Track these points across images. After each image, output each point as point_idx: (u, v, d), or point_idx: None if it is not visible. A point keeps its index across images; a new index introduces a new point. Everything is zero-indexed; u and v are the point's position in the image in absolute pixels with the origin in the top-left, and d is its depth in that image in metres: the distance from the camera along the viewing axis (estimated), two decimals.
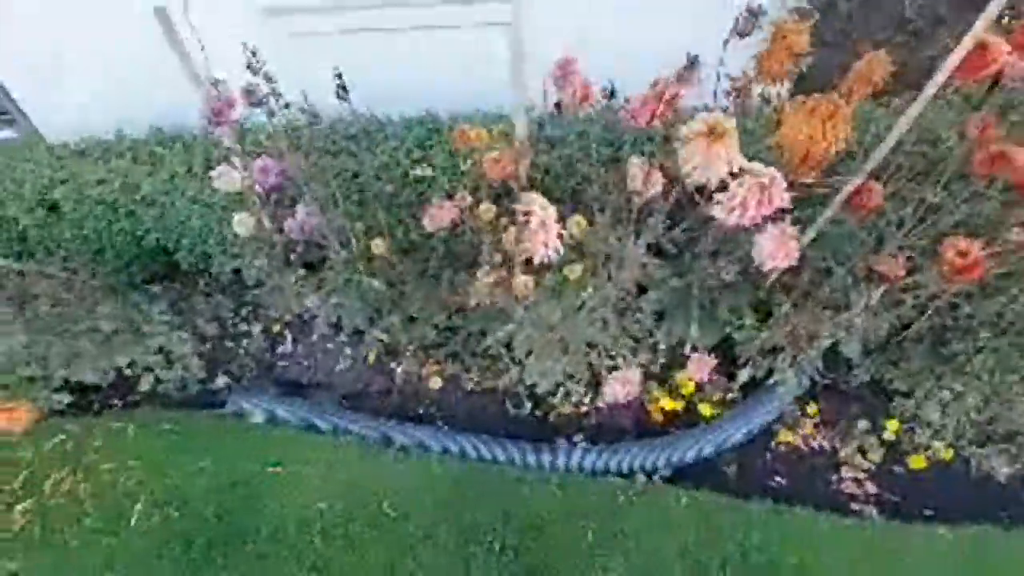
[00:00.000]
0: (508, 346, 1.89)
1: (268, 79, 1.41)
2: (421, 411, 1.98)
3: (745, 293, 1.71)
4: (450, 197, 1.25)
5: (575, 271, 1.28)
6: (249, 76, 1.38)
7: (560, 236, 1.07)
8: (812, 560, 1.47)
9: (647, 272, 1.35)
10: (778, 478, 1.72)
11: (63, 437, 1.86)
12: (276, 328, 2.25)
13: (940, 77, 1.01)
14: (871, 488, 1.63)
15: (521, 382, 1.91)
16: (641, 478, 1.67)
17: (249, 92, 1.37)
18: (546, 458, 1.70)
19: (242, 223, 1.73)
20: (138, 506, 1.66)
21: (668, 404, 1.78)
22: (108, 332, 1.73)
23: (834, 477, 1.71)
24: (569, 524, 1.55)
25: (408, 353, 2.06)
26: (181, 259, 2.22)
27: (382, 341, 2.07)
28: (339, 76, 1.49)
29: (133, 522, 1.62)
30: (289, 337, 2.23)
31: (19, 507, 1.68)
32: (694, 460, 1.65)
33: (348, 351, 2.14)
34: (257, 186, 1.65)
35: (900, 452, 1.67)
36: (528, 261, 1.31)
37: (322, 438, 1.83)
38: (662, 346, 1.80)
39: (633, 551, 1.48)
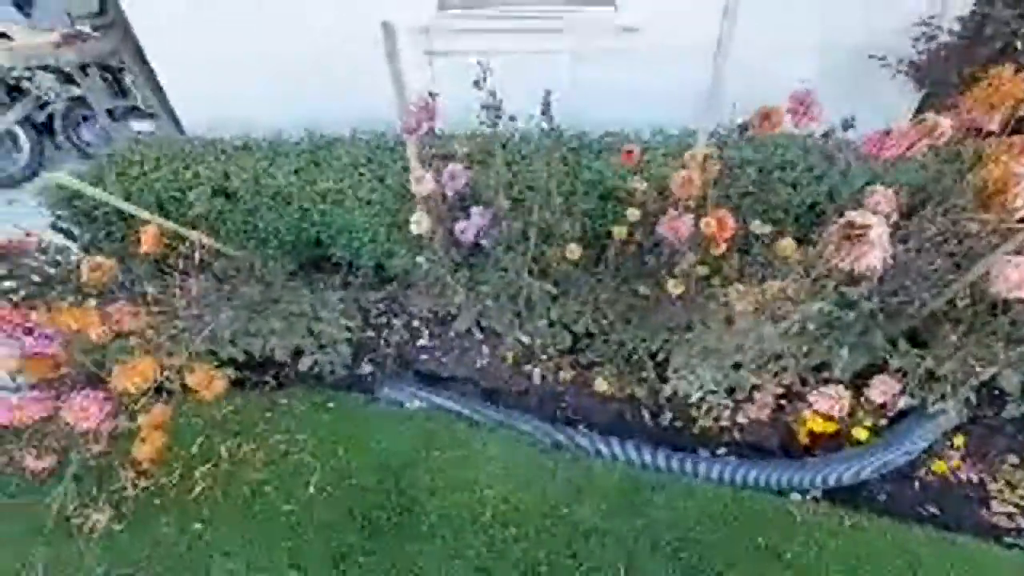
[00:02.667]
0: (654, 355, 1.97)
1: (492, 94, 1.56)
2: (558, 412, 2.07)
3: (902, 320, 1.76)
4: (687, 211, 1.34)
5: (773, 287, 1.36)
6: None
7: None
8: None
9: (844, 297, 1.42)
10: (929, 506, 1.73)
11: (231, 408, 2.00)
12: (415, 323, 2.38)
13: None
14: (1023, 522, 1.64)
15: (656, 392, 1.99)
16: (795, 496, 1.71)
17: (490, 107, 1.51)
18: (700, 467, 1.75)
19: (419, 222, 1.87)
20: (314, 477, 1.77)
21: (818, 426, 1.81)
22: (297, 313, 1.88)
23: (983, 511, 1.72)
24: (730, 534, 1.59)
25: (546, 357, 2.15)
26: (333, 252, 2.39)
27: (521, 343, 2.17)
28: (547, 94, 1.64)
29: (311, 492, 1.74)
30: (427, 332, 2.36)
31: (198, 471, 1.82)
32: (851, 482, 1.69)
33: (486, 350, 2.25)
34: (447, 190, 1.80)
35: None
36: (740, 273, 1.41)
37: (475, 429, 1.93)
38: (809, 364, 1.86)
39: (797, 566, 1.52)
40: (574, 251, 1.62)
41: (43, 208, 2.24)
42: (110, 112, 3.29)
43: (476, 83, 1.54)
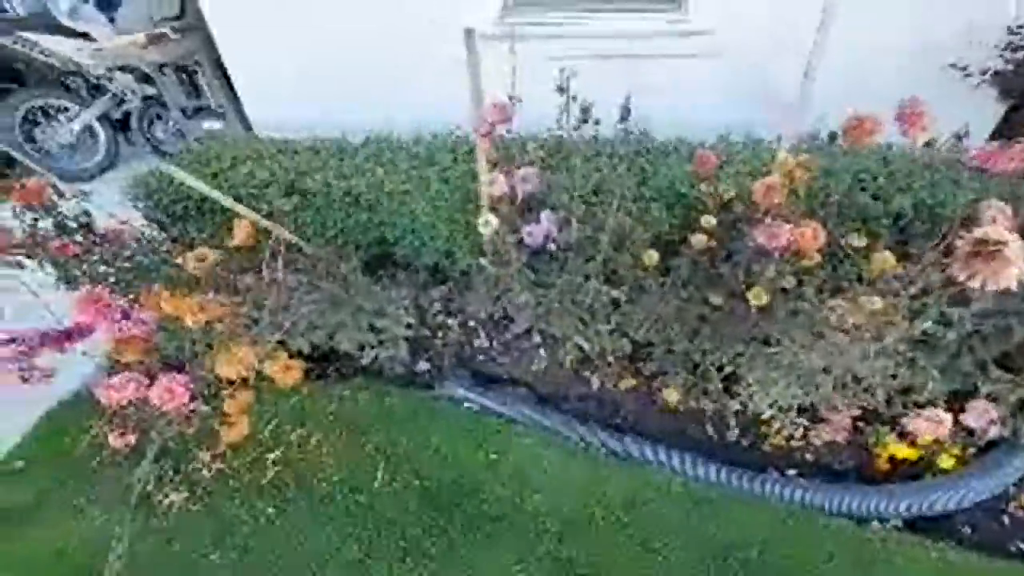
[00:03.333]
0: (720, 368, 1.92)
1: (574, 99, 1.56)
2: (619, 422, 2.04)
3: (995, 344, 1.66)
4: (786, 221, 1.30)
5: (875, 303, 1.30)
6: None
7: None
8: None
9: (945, 316, 1.35)
10: (1020, 542, 1.62)
11: (298, 397, 2.06)
12: (471, 324, 2.40)
13: None
14: None
15: (723, 407, 1.94)
16: (875, 524, 1.63)
17: (584, 110, 1.51)
18: (770, 488, 1.69)
19: (488, 224, 1.88)
20: (379, 471, 1.80)
21: (901, 452, 1.73)
22: (368, 309, 1.92)
23: None
24: (803, 557, 1.53)
25: (606, 364, 2.13)
26: (395, 251, 2.43)
27: (581, 348, 2.15)
28: (627, 99, 1.63)
29: (377, 484, 1.77)
30: (483, 334, 2.37)
31: (270, 456, 1.88)
32: (939, 513, 1.60)
33: (543, 353, 2.24)
34: (519, 192, 1.81)
35: None
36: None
37: (534, 433, 1.92)
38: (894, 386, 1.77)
39: None
40: (652, 257, 1.59)
41: (125, 201, 2.37)
42: (183, 111, 3.46)
43: (560, 88, 1.55)
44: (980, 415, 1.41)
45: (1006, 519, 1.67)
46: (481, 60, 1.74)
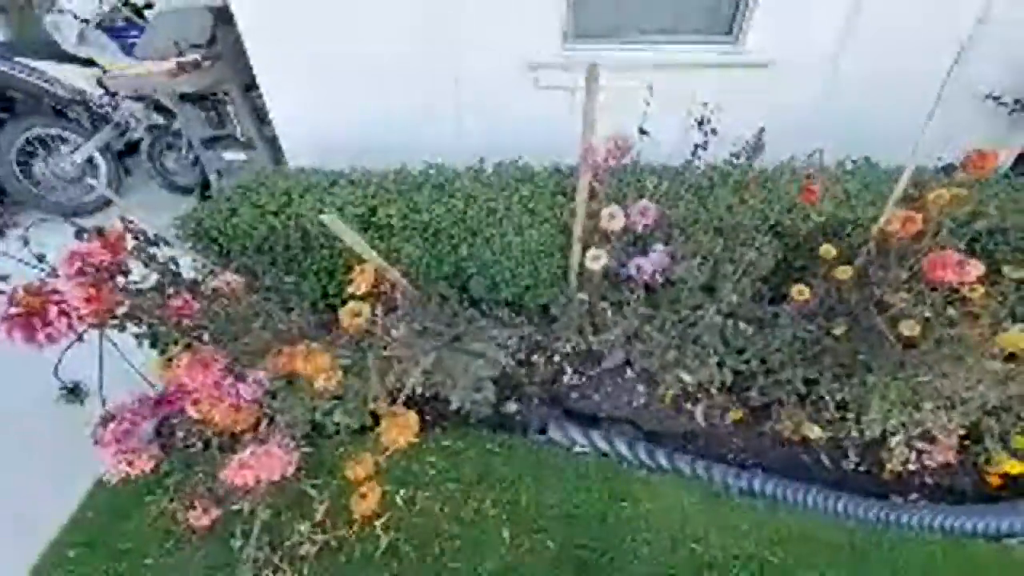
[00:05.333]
0: (839, 397, 1.92)
1: (712, 131, 1.55)
2: (730, 456, 1.99)
3: None
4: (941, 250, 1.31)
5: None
6: None
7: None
8: None
9: None
10: None
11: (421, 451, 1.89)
12: (557, 359, 2.31)
13: None
14: None
15: (837, 435, 1.93)
16: (1010, 541, 1.64)
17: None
18: (904, 517, 1.68)
19: (596, 258, 1.83)
20: (504, 532, 1.66)
21: (1013, 468, 1.77)
22: (477, 352, 1.80)
23: None
24: None
25: (708, 396, 2.09)
26: (472, 285, 2.32)
27: (682, 381, 2.11)
28: (761, 131, 1.63)
29: (504, 549, 1.62)
30: (570, 370, 2.28)
31: (378, 523, 1.70)
32: None
33: (641, 388, 2.18)
34: (638, 226, 1.76)
35: None
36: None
37: (648, 474, 1.84)
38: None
39: None
40: (803, 292, 1.58)
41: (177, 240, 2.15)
42: (203, 141, 3.24)
43: (699, 122, 1.53)
44: None
45: None
46: (597, 93, 1.70)
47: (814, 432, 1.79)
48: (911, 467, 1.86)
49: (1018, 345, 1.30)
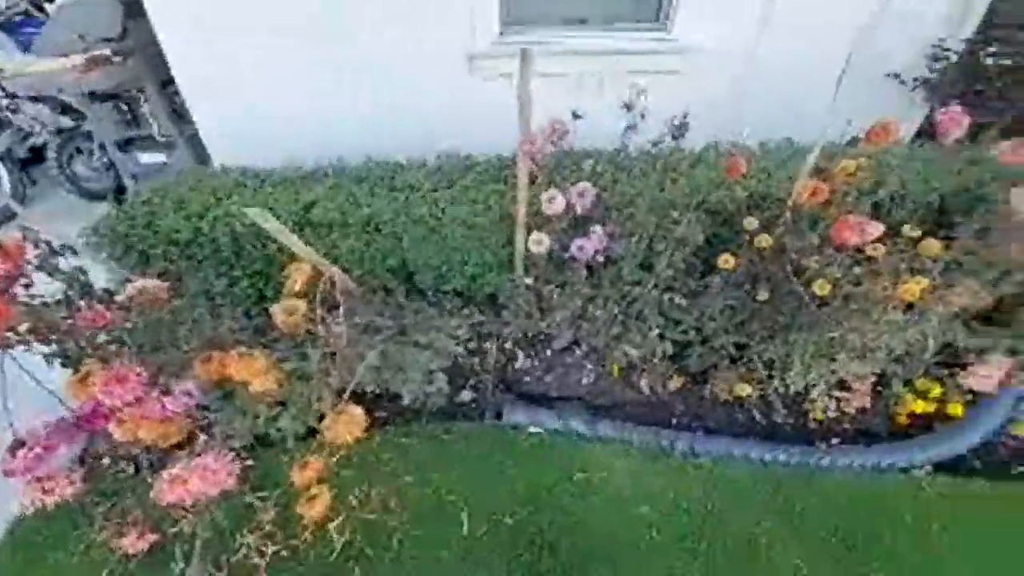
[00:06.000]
0: (768, 358, 2.06)
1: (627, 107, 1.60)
2: (674, 420, 2.10)
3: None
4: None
5: (923, 284, 1.49)
6: None
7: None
8: None
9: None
10: (1017, 464, 1.92)
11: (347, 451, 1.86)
12: (508, 345, 2.33)
13: None
14: None
15: (766, 392, 2.08)
16: (917, 472, 1.84)
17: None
18: (822, 457, 1.85)
19: (539, 242, 1.87)
20: (463, 517, 1.68)
21: (919, 407, 1.98)
22: (424, 344, 1.79)
23: None
24: (880, 513, 1.69)
25: (651, 367, 2.19)
26: (418, 277, 2.30)
27: (627, 355, 2.19)
28: (684, 115, 1.70)
29: (464, 533, 1.64)
30: (521, 355, 2.32)
31: (331, 526, 1.67)
32: (966, 452, 1.86)
33: (589, 366, 2.24)
34: (577, 208, 1.81)
35: None
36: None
37: (600, 447, 1.92)
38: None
39: (950, 531, 1.64)
40: (728, 261, 1.68)
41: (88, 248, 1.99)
42: (117, 144, 2.99)
43: (627, 105, 1.59)
44: (999, 369, 1.66)
45: (1002, 448, 1.97)
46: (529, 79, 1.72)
47: (745, 391, 1.92)
48: (832, 415, 2.04)
49: (915, 295, 1.45)
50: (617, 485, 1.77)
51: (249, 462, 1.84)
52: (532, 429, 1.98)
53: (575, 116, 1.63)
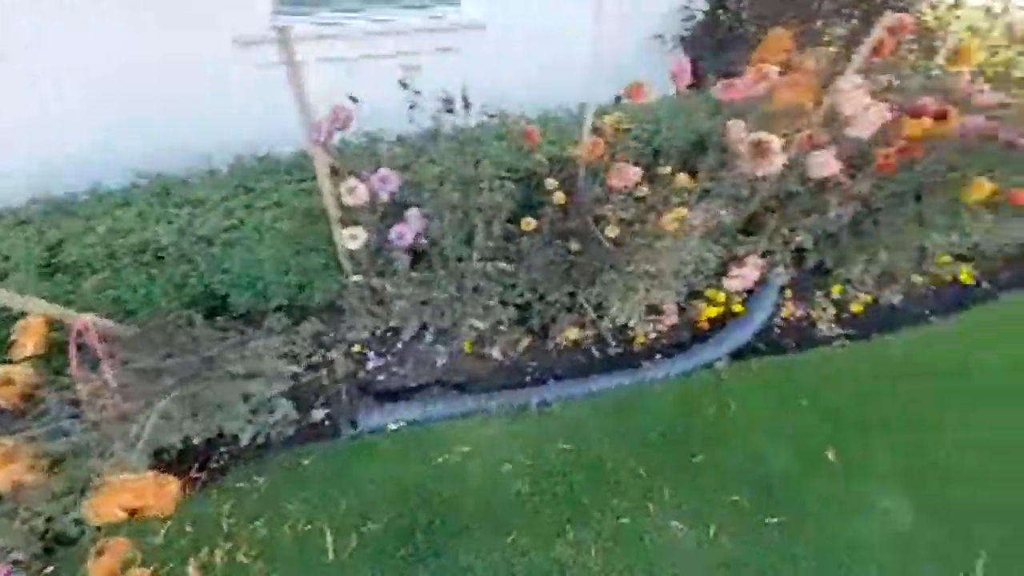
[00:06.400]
0: (586, 300, 2.28)
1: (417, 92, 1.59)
2: (528, 378, 2.23)
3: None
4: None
5: (681, 213, 1.77)
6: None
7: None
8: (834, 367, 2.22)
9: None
10: (787, 339, 2.46)
11: (178, 516, 1.62)
12: (355, 348, 2.22)
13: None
14: (838, 329, 2.48)
15: (600, 330, 2.32)
16: (720, 365, 2.24)
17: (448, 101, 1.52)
18: (648, 373, 2.15)
19: (354, 236, 1.79)
20: (327, 536, 1.59)
21: (712, 312, 2.39)
22: (238, 374, 1.60)
23: (814, 330, 2.52)
24: (695, 407, 2.03)
25: (500, 334, 2.28)
26: (232, 301, 2.05)
27: (476, 328, 2.25)
28: (463, 88, 1.73)
29: (331, 556, 1.55)
30: (372, 354, 2.23)
31: None
32: (751, 339, 2.31)
33: (441, 348, 2.25)
34: (382, 195, 1.75)
35: (846, 303, 2.56)
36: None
37: (463, 422, 1.96)
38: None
39: (743, 406, 2.04)
40: (529, 223, 1.78)
41: None
42: None
43: (403, 84, 1.55)
44: (755, 268, 2.07)
45: (776, 330, 2.49)
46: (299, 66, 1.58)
47: (575, 334, 2.12)
48: (652, 336, 2.37)
49: (676, 223, 1.71)
50: (482, 455, 1.84)
51: (48, 570, 1.51)
52: (392, 427, 1.94)
53: (352, 100, 1.56)
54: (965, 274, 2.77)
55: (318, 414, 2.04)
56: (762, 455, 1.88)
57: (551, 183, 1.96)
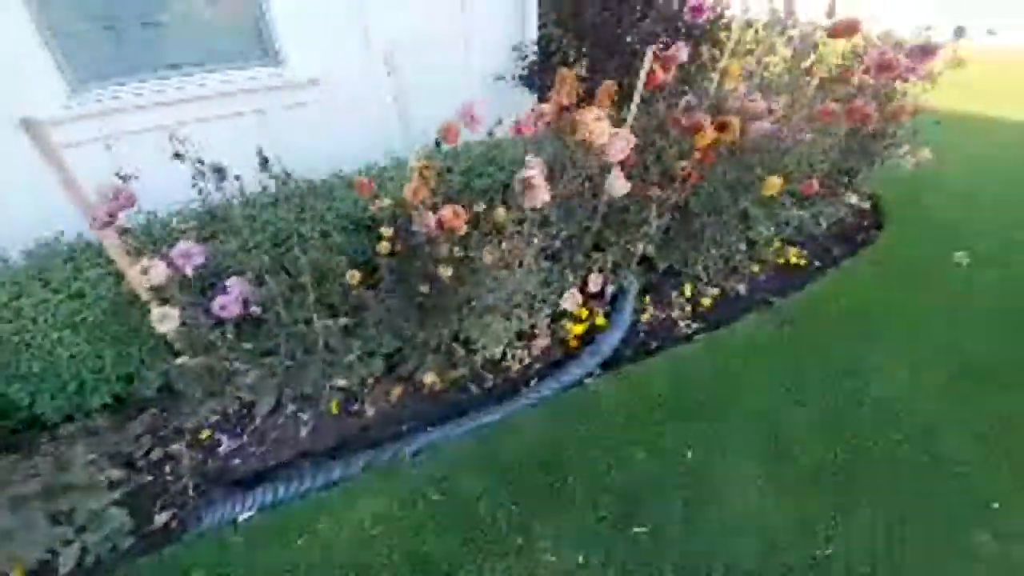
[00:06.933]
0: (456, 338, 2.28)
1: (200, 161, 1.53)
2: (403, 429, 2.15)
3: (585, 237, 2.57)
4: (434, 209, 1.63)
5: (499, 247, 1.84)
6: None
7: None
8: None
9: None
10: (651, 342, 2.60)
11: None
12: (203, 435, 2.03)
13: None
14: (695, 325, 2.67)
15: (471, 366, 2.32)
16: (589, 380, 2.31)
17: (219, 170, 1.46)
18: (524, 401, 2.16)
19: (165, 317, 1.67)
20: None
21: (579, 329, 2.48)
22: (33, 494, 1.37)
23: (674, 328, 2.69)
24: (577, 423, 2.05)
25: (370, 387, 2.20)
26: (40, 408, 1.79)
27: (340, 389, 2.15)
28: (260, 150, 1.69)
29: None
30: (225, 437, 2.04)
31: None
32: (616, 350, 2.41)
33: (305, 416, 2.12)
34: (186, 270, 1.64)
35: (697, 299, 2.78)
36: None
37: (330, 492, 1.84)
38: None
39: (621, 413, 2.09)
40: (355, 276, 1.75)
41: None
42: None
43: (177, 155, 1.48)
44: (596, 283, 2.19)
45: (640, 334, 2.63)
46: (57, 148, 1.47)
47: (451, 373, 2.10)
48: (527, 363, 2.41)
49: (492, 255, 1.78)
50: (350, 523, 1.72)
51: None
52: (243, 517, 1.77)
53: (122, 178, 1.46)
54: (795, 255, 3.14)
55: (161, 518, 1.82)
56: (627, 463, 1.93)
57: (385, 231, 1.96)
